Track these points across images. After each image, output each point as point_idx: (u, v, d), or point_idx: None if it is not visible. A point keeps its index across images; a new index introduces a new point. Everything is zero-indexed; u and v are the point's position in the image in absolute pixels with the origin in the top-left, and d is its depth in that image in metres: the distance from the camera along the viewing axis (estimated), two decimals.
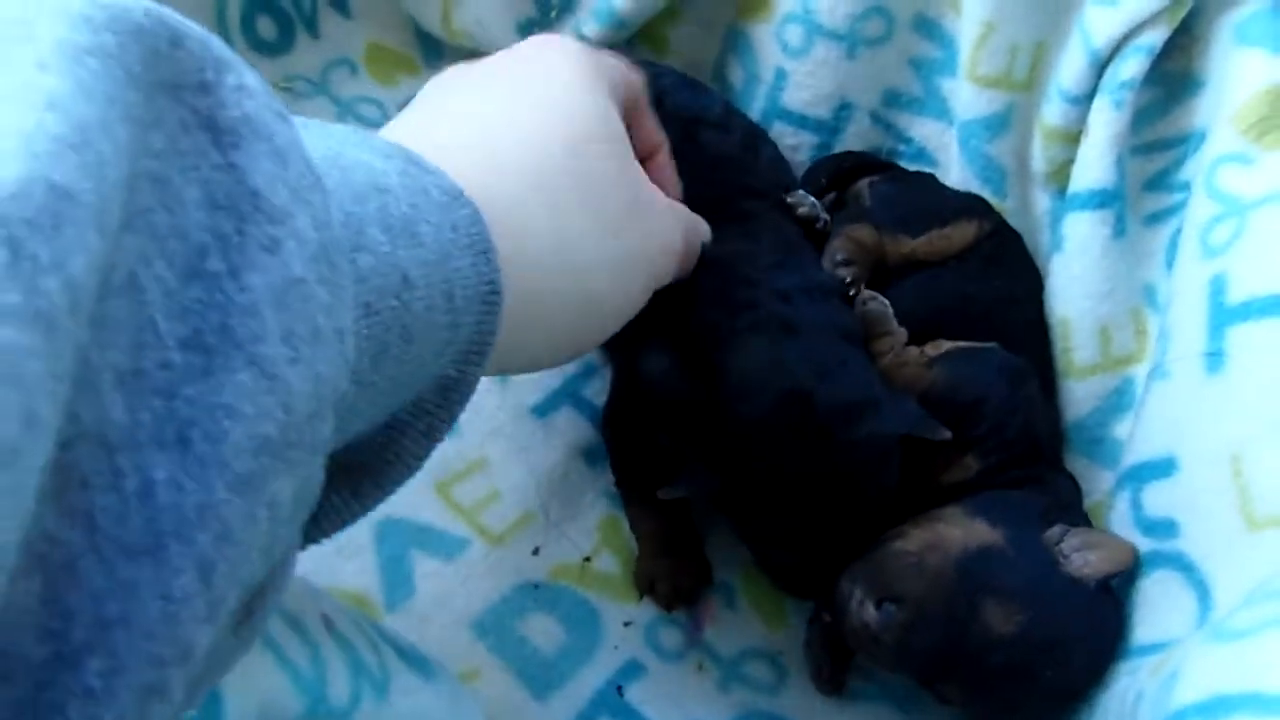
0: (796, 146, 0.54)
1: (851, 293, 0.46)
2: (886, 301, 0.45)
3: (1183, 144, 0.47)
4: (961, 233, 0.48)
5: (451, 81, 0.35)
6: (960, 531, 0.41)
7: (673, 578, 0.47)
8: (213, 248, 0.19)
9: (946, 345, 0.45)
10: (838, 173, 0.52)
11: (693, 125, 0.48)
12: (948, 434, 0.42)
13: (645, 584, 0.47)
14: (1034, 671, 0.39)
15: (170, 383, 0.18)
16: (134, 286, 0.18)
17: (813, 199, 0.48)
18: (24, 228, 0.15)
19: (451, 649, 0.44)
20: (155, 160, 0.19)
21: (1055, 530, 0.41)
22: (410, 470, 0.28)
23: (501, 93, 0.34)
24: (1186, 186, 0.46)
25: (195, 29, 0.20)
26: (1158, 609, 0.40)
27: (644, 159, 0.39)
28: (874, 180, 0.51)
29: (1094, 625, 0.40)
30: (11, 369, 0.15)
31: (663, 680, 0.45)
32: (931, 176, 0.52)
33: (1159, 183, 0.47)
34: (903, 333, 0.45)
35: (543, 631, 0.45)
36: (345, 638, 0.29)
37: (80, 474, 0.17)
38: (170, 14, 0.20)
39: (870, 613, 0.39)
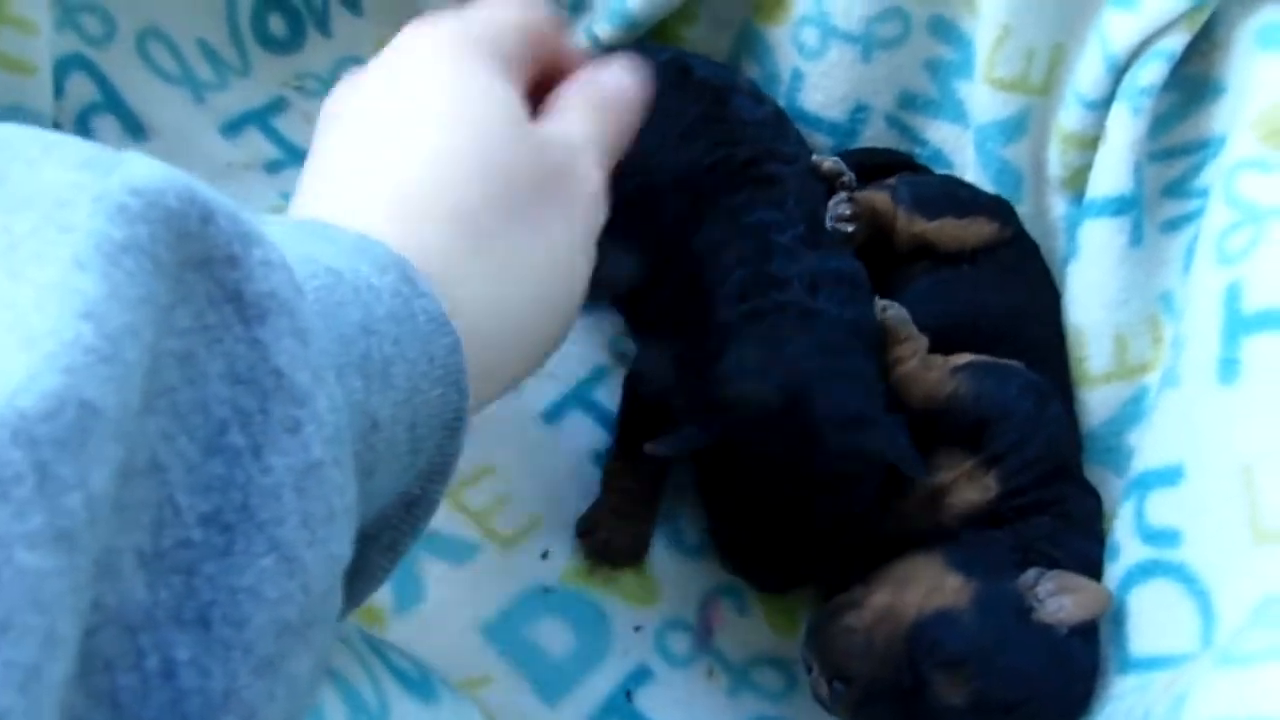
0: (811, 149, 0.53)
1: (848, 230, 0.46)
2: (903, 308, 0.45)
3: (1202, 150, 0.46)
4: (977, 229, 0.48)
5: (345, 122, 0.33)
6: (921, 593, 0.40)
7: (613, 535, 0.47)
8: (234, 422, 0.20)
9: (969, 357, 0.45)
10: (866, 166, 0.51)
11: (725, 92, 0.49)
12: (924, 475, 0.42)
13: (587, 528, 0.47)
14: None
15: (190, 560, 0.19)
16: (156, 466, 0.19)
17: (836, 157, 0.48)
18: (52, 449, 0.16)
19: (461, 654, 0.44)
20: (180, 338, 0.20)
21: (1030, 575, 0.40)
22: (378, 582, 0.28)
23: (397, 121, 0.32)
24: (1205, 193, 0.45)
25: (225, 203, 0.21)
26: (1156, 620, 0.40)
27: (559, 78, 0.37)
28: (904, 175, 0.51)
29: (1065, 675, 0.40)
30: (35, 593, 0.15)
31: (672, 686, 0.45)
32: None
33: (1177, 189, 0.47)
34: (924, 339, 0.45)
35: (553, 636, 0.46)
36: (342, 676, 0.29)
37: (104, 657, 0.18)
38: (201, 190, 0.20)
39: (823, 689, 0.41)
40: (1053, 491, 0.43)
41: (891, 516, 0.43)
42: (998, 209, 0.49)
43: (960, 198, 0.49)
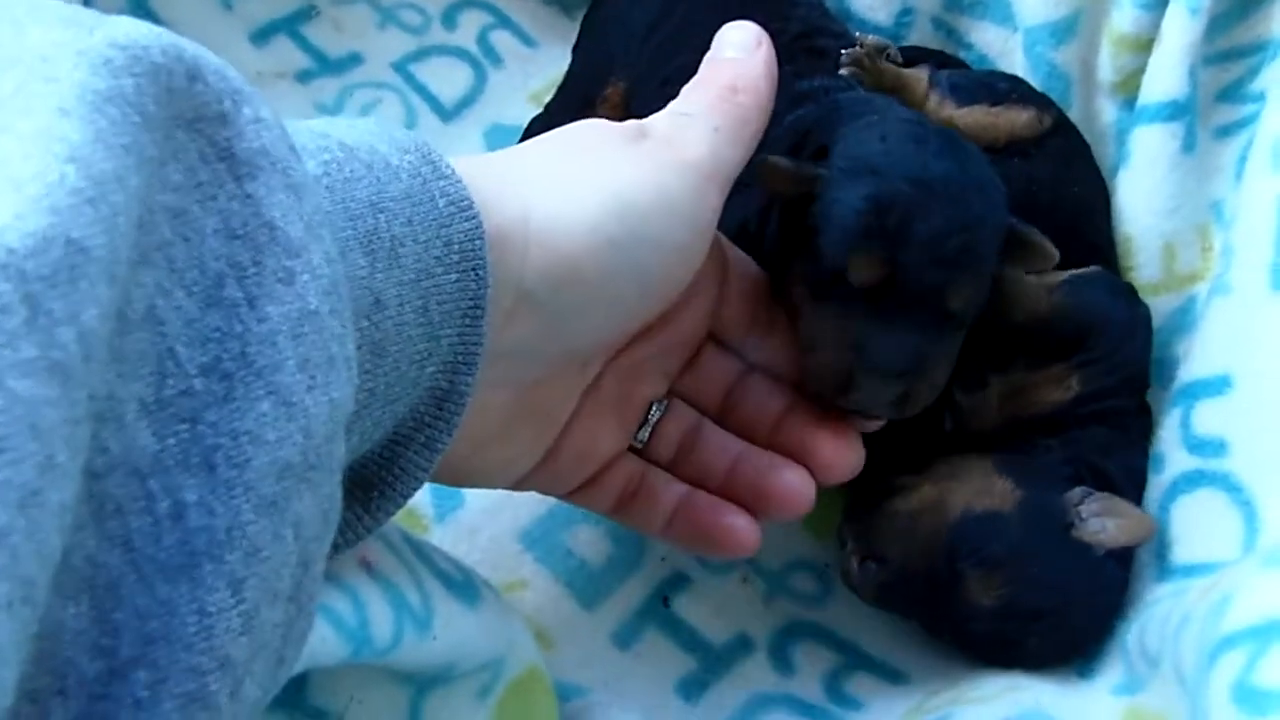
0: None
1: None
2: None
3: (1259, 52, 0.45)
4: (1010, 118, 0.46)
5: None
6: (970, 492, 0.40)
7: None
8: (230, 277, 0.20)
9: (1059, 275, 0.43)
10: (912, 63, 0.49)
11: None
12: (1054, 253, 0.38)
13: None
14: (1016, 639, 0.40)
15: (193, 409, 0.20)
16: (153, 319, 0.19)
17: (878, 36, 0.47)
18: (41, 284, 0.16)
19: (499, 560, 0.45)
20: (173, 194, 0.20)
21: (1077, 492, 0.40)
22: (418, 482, 0.28)
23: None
24: (1260, 97, 0.44)
25: (213, 60, 0.21)
26: (1200, 529, 0.40)
27: None
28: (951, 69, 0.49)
29: (1093, 593, 0.40)
30: (30, 419, 0.16)
31: (708, 591, 0.46)
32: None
33: (1232, 94, 0.45)
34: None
35: (590, 543, 0.46)
36: (387, 578, 0.30)
37: (115, 501, 0.19)
38: (189, 46, 0.21)
39: (854, 566, 0.41)
40: (1121, 402, 0.43)
41: (965, 411, 0.43)
42: (1035, 98, 0.47)
43: (997, 88, 0.47)
